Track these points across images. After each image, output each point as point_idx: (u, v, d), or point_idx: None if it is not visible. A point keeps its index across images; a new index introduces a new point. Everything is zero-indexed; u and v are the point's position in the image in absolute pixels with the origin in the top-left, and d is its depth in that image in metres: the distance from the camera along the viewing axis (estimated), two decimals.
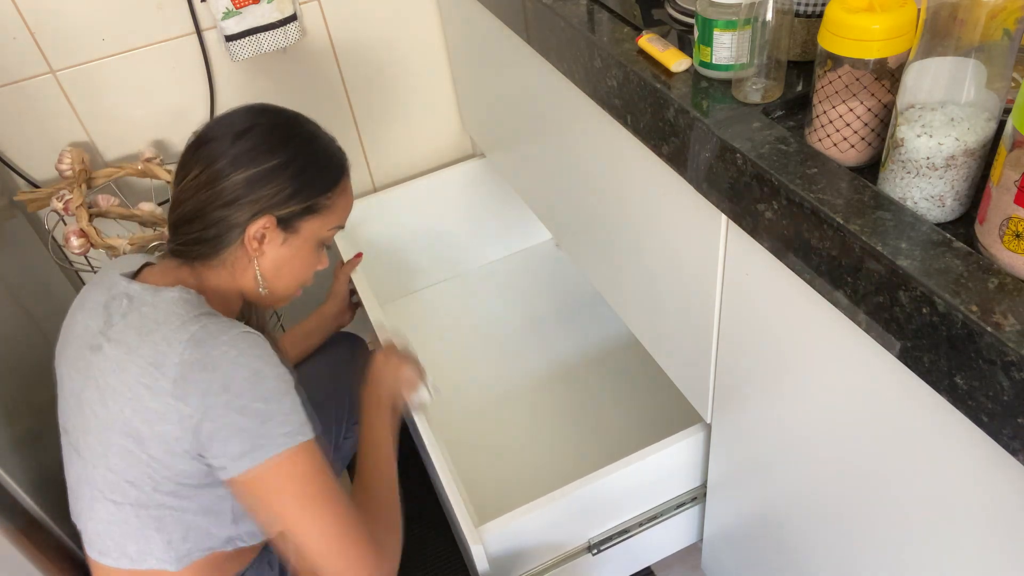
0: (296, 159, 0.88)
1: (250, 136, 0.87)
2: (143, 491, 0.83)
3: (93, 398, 0.83)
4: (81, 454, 0.87)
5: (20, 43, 1.24)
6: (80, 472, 0.88)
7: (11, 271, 1.20)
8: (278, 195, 0.87)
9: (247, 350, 0.80)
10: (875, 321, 0.61)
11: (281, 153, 0.87)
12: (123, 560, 0.87)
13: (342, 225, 0.96)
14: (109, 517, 0.85)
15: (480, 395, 1.59)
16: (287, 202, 0.88)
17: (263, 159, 0.86)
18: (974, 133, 0.58)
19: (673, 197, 0.88)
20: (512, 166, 1.45)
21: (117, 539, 0.86)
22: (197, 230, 0.88)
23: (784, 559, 0.98)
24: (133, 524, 0.85)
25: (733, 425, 0.98)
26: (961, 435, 0.59)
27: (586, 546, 1.14)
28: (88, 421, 0.85)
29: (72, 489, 0.91)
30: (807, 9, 0.76)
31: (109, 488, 0.84)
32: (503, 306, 1.78)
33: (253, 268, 0.90)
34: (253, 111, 0.91)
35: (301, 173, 0.88)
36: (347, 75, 1.50)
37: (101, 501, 0.85)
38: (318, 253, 0.95)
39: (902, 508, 0.71)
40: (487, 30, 1.26)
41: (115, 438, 0.82)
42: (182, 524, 0.85)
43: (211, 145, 0.88)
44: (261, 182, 0.86)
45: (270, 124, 0.89)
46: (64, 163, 1.27)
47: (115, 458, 0.83)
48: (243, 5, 1.27)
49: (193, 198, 0.88)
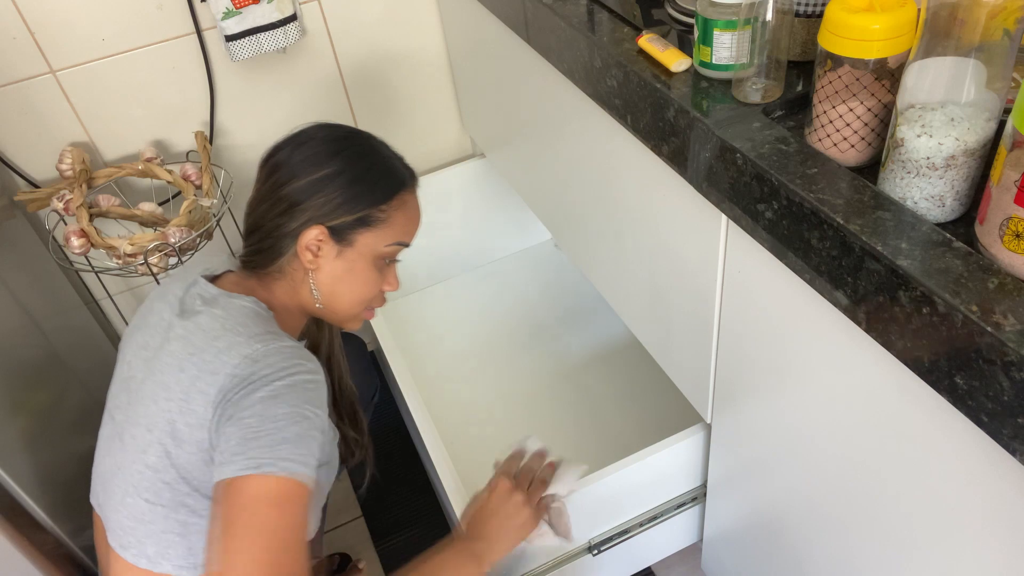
0: (349, 169, 0.88)
1: (307, 147, 0.88)
2: (177, 494, 0.82)
3: (149, 393, 0.84)
4: (124, 444, 0.86)
5: (20, 43, 1.24)
6: (119, 462, 0.87)
7: (11, 271, 1.20)
8: (328, 204, 0.86)
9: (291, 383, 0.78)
10: (875, 321, 0.61)
11: (335, 162, 0.87)
12: (141, 559, 0.86)
13: (405, 243, 0.93)
14: (138, 514, 0.85)
15: (480, 395, 1.59)
16: (337, 211, 0.87)
17: (316, 169, 0.87)
18: (974, 133, 0.58)
19: (673, 197, 0.88)
20: (512, 166, 1.45)
21: (140, 537, 0.86)
22: (256, 241, 0.90)
23: (784, 559, 0.98)
24: (159, 525, 0.84)
25: (733, 425, 0.98)
26: (961, 435, 0.59)
27: (586, 547, 1.14)
28: (138, 414, 0.84)
29: (103, 476, 0.90)
30: (807, 9, 0.76)
31: (145, 486, 0.83)
32: (503, 306, 1.78)
33: (309, 281, 0.90)
34: (319, 125, 0.92)
35: (353, 183, 0.87)
36: (347, 75, 1.50)
37: (134, 497, 0.85)
38: (379, 270, 0.93)
39: (902, 508, 0.71)
40: (487, 30, 1.26)
41: (158, 436, 0.82)
42: (206, 534, 0.84)
43: (275, 158, 0.90)
44: (312, 190, 0.86)
45: (329, 136, 0.90)
46: (64, 163, 1.27)
47: (154, 457, 0.82)
48: (243, 5, 1.27)
49: (256, 210, 0.90)
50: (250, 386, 0.78)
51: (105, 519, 0.90)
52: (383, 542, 1.47)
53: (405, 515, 1.50)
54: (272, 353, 0.80)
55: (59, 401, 1.22)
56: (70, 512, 1.11)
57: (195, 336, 0.83)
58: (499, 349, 1.68)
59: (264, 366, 0.79)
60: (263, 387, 0.78)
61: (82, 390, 1.31)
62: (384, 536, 1.48)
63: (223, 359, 0.80)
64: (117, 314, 1.54)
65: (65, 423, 1.20)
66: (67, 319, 1.38)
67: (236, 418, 0.77)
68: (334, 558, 1.44)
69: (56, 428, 1.17)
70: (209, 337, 0.82)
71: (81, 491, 1.17)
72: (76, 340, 1.39)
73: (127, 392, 0.88)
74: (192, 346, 0.82)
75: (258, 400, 0.77)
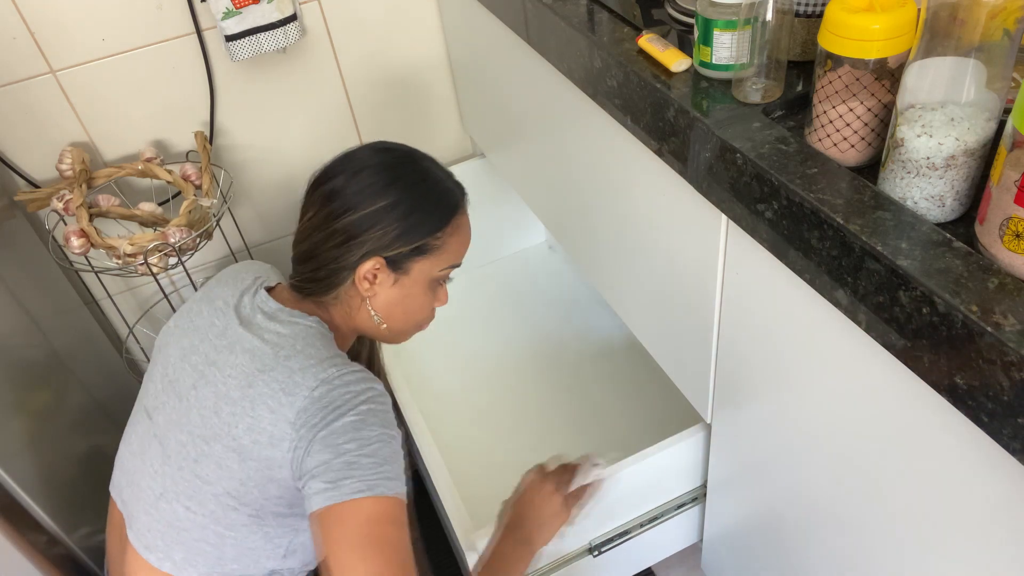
0: (404, 200, 0.87)
1: (361, 177, 0.88)
2: (223, 505, 0.83)
3: (208, 403, 0.83)
4: (167, 450, 0.85)
5: (20, 43, 1.24)
6: (156, 467, 0.86)
7: (11, 271, 1.20)
8: (385, 236, 0.87)
9: (364, 402, 0.81)
10: (875, 321, 0.61)
11: (390, 194, 0.87)
12: (166, 563, 0.86)
13: (458, 264, 0.94)
14: (173, 520, 0.85)
15: (479, 396, 1.59)
16: (395, 243, 0.87)
17: (372, 201, 0.87)
18: (974, 133, 0.58)
19: (673, 197, 0.88)
20: (512, 166, 1.45)
21: (169, 542, 0.85)
22: (311, 269, 0.90)
23: (784, 559, 0.98)
24: (194, 534, 0.84)
25: (733, 425, 0.98)
26: (961, 435, 0.59)
27: (587, 547, 1.14)
28: (192, 422, 0.84)
29: (131, 473, 0.89)
30: (807, 9, 0.76)
31: (189, 494, 0.83)
32: (501, 307, 1.78)
33: (367, 307, 0.91)
34: (371, 149, 0.92)
35: (409, 215, 0.87)
36: (347, 75, 1.50)
37: (172, 503, 0.84)
38: (434, 291, 0.94)
39: (902, 508, 0.71)
40: (487, 30, 1.26)
41: (217, 449, 0.82)
42: (240, 547, 0.85)
43: (327, 185, 0.89)
44: (369, 223, 0.86)
45: (382, 164, 0.89)
46: (64, 163, 1.27)
47: (208, 467, 0.82)
48: (243, 5, 1.27)
49: (308, 239, 0.89)
50: (336, 411, 0.79)
51: (130, 516, 0.89)
52: None
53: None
54: (347, 376, 0.82)
55: (59, 401, 1.22)
56: (70, 512, 1.11)
57: (263, 352, 0.83)
58: (497, 350, 1.68)
59: (344, 392, 0.80)
60: (349, 412, 0.79)
61: (82, 390, 1.31)
62: None
63: (297, 380, 0.80)
64: (117, 314, 1.54)
65: (65, 423, 1.20)
66: (67, 319, 1.38)
67: (332, 445, 0.78)
68: None
69: (56, 428, 1.17)
70: (280, 356, 0.83)
71: (81, 491, 1.17)
72: (76, 340, 1.39)
73: (174, 395, 0.87)
74: (261, 362, 0.82)
75: (350, 426, 0.79)
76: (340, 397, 0.80)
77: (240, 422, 0.81)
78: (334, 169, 0.90)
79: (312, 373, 0.81)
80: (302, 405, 0.79)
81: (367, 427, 0.79)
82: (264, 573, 0.88)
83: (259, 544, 0.86)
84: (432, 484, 1.14)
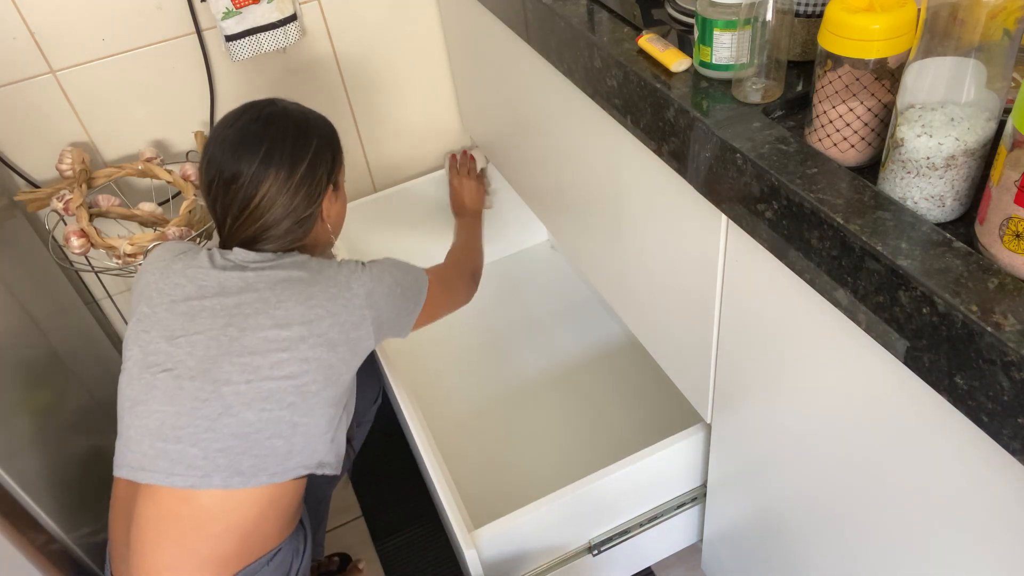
0: (314, 144, 1.01)
1: (273, 155, 0.98)
2: (305, 395, 0.95)
3: (258, 327, 0.94)
4: (213, 375, 0.93)
5: (20, 43, 1.24)
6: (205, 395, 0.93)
7: (11, 271, 1.20)
8: (326, 169, 1.02)
9: (382, 261, 1.06)
10: (875, 321, 0.61)
11: (310, 135, 1.01)
12: (234, 478, 0.92)
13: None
14: (240, 430, 0.93)
15: (479, 397, 1.59)
16: (334, 169, 1.04)
17: (297, 164, 0.99)
18: (974, 133, 0.58)
19: (673, 197, 0.88)
20: (512, 166, 1.45)
21: (236, 456, 0.93)
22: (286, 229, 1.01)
23: (784, 559, 0.98)
24: (268, 431, 0.93)
25: (733, 425, 0.98)
26: (961, 435, 0.59)
27: (587, 547, 1.14)
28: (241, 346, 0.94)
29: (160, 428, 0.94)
30: (807, 9, 0.76)
31: (262, 397, 0.93)
32: (501, 307, 1.78)
33: (325, 226, 1.06)
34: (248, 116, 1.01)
35: (327, 141, 1.04)
36: (347, 75, 1.50)
37: (240, 414, 0.93)
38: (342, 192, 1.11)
39: (902, 508, 0.71)
40: (487, 30, 1.26)
41: (303, 349, 0.95)
42: (309, 434, 0.96)
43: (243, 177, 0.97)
44: (313, 167, 1.00)
45: (280, 134, 1.00)
46: (64, 163, 1.27)
47: (291, 367, 0.94)
48: (243, 5, 1.27)
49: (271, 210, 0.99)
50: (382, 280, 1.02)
51: (167, 466, 0.92)
52: (383, 542, 1.47)
53: (405, 515, 1.50)
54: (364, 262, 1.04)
55: (59, 401, 1.22)
56: (70, 512, 1.11)
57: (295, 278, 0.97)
58: (497, 350, 1.68)
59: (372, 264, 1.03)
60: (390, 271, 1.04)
61: (82, 390, 1.31)
62: (384, 536, 1.48)
63: (344, 277, 0.99)
64: (117, 314, 1.54)
65: (65, 423, 1.20)
66: (67, 319, 1.38)
67: (406, 290, 1.06)
68: (334, 558, 1.44)
69: (56, 428, 1.17)
70: (313, 273, 0.98)
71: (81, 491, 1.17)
72: (76, 340, 1.39)
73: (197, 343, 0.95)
74: (302, 283, 0.97)
75: (397, 274, 1.05)
76: (375, 269, 1.02)
77: (321, 323, 0.96)
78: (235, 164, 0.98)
79: (349, 269, 1.00)
80: (367, 289, 0.99)
81: (399, 268, 1.06)
82: (315, 464, 0.99)
83: (322, 427, 0.98)
84: (431, 483, 1.14)
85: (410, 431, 1.18)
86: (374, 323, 1.01)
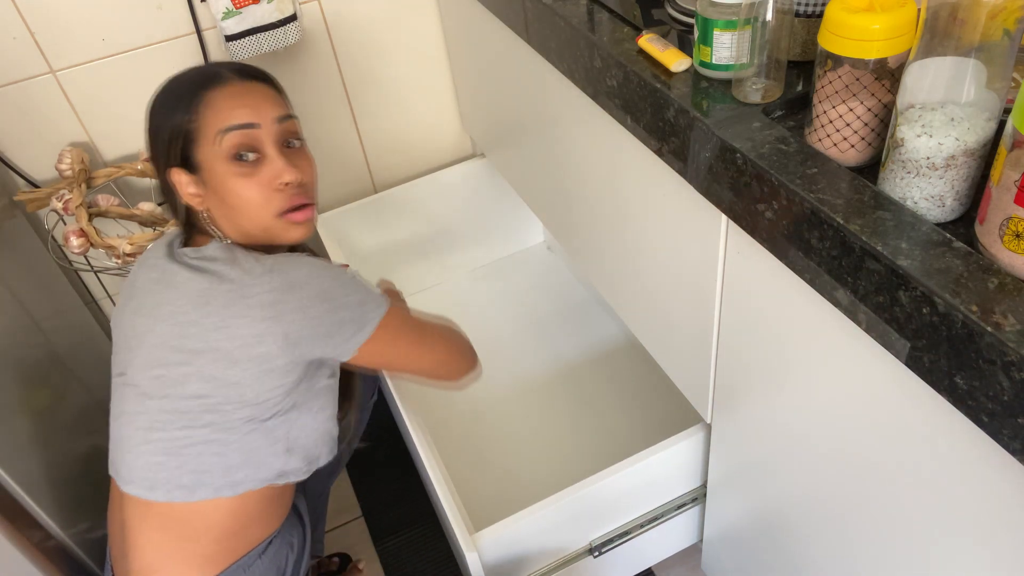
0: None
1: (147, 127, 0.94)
2: (221, 413, 0.88)
3: (169, 333, 0.88)
4: (142, 389, 0.90)
5: (20, 43, 1.24)
6: (138, 408, 0.90)
7: (11, 271, 1.20)
8: (159, 147, 0.92)
9: (315, 264, 0.90)
10: (875, 321, 0.61)
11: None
12: (176, 492, 0.89)
13: (233, 126, 0.88)
14: (170, 447, 0.89)
15: (478, 397, 1.58)
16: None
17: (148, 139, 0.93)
18: (974, 133, 0.58)
19: (673, 197, 0.88)
20: (512, 166, 1.45)
21: (172, 469, 0.89)
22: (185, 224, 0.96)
23: (784, 559, 0.98)
24: (197, 450, 0.88)
25: (733, 425, 0.98)
26: (961, 435, 0.59)
27: (587, 548, 1.14)
28: (161, 355, 0.88)
29: (118, 435, 0.93)
30: (807, 9, 0.76)
31: (178, 414, 0.88)
32: (500, 308, 1.78)
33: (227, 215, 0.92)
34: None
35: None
36: (347, 75, 1.50)
37: (163, 431, 0.88)
38: (246, 171, 0.89)
39: (902, 508, 0.71)
40: (487, 30, 1.26)
41: (202, 364, 0.86)
42: (244, 449, 0.89)
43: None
44: (151, 146, 0.93)
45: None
46: (64, 163, 1.27)
47: (196, 385, 0.87)
48: (243, 5, 1.27)
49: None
50: (295, 289, 0.87)
51: (128, 472, 0.92)
52: (383, 542, 1.47)
53: (405, 515, 1.50)
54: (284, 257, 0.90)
55: (59, 401, 1.22)
56: (70, 511, 1.11)
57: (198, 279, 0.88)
58: (496, 351, 1.68)
59: (293, 267, 0.89)
60: (321, 279, 0.89)
61: (82, 390, 1.31)
62: (384, 536, 1.48)
63: (246, 283, 0.86)
64: None
65: (65, 423, 1.20)
66: (67, 319, 1.38)
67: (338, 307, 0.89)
68: (334, 559, 1.44)
69: (56, 428, 1.17)
70: (215, 275, 0.88)
71: (81, 490, 1.17)
72: (76, 340, 1.39)
73: (137, 346, 0.91)
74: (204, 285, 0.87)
75: (331, 286, 0.89)
76: (293, 274, 0.88)
77: (215, 334, 0.86)
78: None
79: (255, 271, 0.87)
80: (269, 300, 0.86)
81: (340, 279, 0.91)
82: (273, 475, 0.93)
83: (260, 443, 0.90)
84: (431, 486, 1.14)
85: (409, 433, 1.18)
86: (283, 339, 0.86)
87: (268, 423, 0.90)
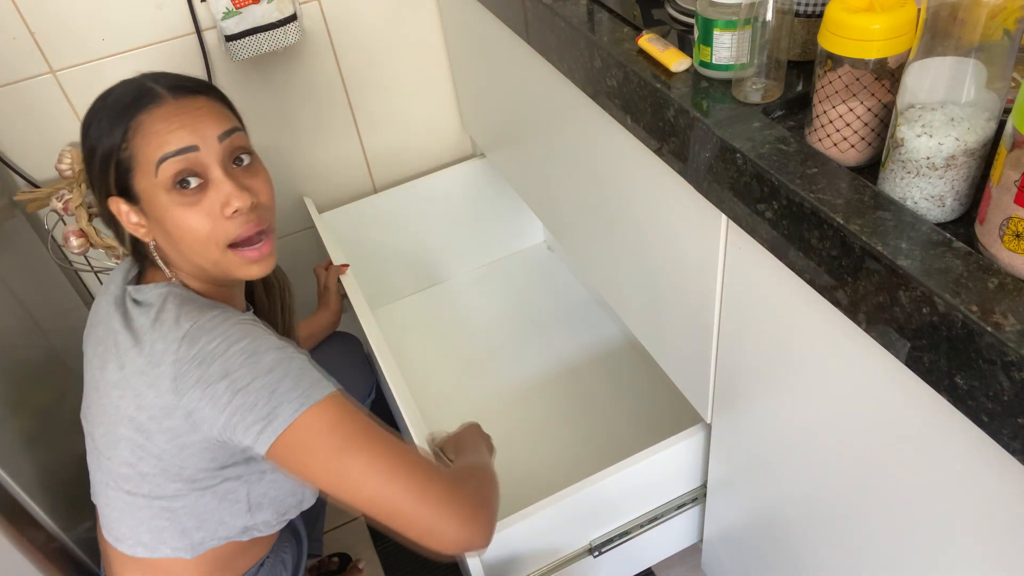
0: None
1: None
2: (155, 483, 0.83)
3: (105, 390, 0.83)
4: (96, 441, 0.87)
5: (20, 43, 1.24)
6: (96, 460, 0.88)
7: (11, 271, 1.20)
8: (94, 178, 0.84)
9: (239, 339, 0.78)
10: (875, 321, 0.61)
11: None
12: (138, 548, 0.87)
13: (168, 154, 0.79)
14: (123, 506, 0.86)
15: (478, 398, 1.58)
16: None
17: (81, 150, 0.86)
18: (974, 133, 0.58)
19: (673, 197, 0.88)
20: (512, 166, 1.45)
21: (131, 526, 0.86)
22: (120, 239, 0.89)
23: (784, 559, 0.98)
24: (146, 513, 0.85)
25: (733, 425, 0.98)
26: (961, 435, 0.59)
27: (587, 548, 1.14)
28: (101, 411, 0.85)
29: (91, 473, 0.92)
30: (807, 9, 0.76)
31: (122, 478, 0.84)
32: (500, 308, 1.78)
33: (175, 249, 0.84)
34: None
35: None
36: (347, 75, 1.50)
37: (115, 490, 0.86)
38: (189, 200, 0.80)
39: (902, 508, 0.71)
40: (487, 30, 1.26)
41: (124, 432, 0.81)
42: (195, 514, 0.84)
43: None
44: (87, 170, 0.85)
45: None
46: (64, 163, 1.27)
47: (125, 451, 0.82)
48: (243, 5, 1.27)
49: None
50: (213, 359, 0.76)
51: (100, 515, 0.92)
52: (383, 542, 1.47)
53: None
54: (205, 323, 0.78)
55: (59, 401, 1.22)
56: (69, 511, 1.11)
57: (125, 332, 0.81)
58: (495, 351, 1.68)
59: (211, 339, 0.77)
60: (227, 354, 0.76)
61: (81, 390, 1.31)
62: (384, 536, 1.48)
63: (159, 348, 0.78)
64: None
65: (65, 423, 1.20)
66: (67, 319, 1.38)
67: (240, 390, 0.75)
68: (333, 559, 1.44)
69: (56, 428, 1.17)
70: (141, 332, 0.80)
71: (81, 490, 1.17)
72: (76, 340, 1.38)
73: (92, 392, 0.88)
74: (129, 342, 0.80)
75: (242, 365, 0.76)
76: (207, 347, 0.77)
77: (128, 403, 0.79)
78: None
79: (171, 336, 0.78)
80: (174, 371, 0.76)
81: (260, 358, 0.77)
82: (238, 531, 0.87)
83: (213, 506, 0.84)
84: None
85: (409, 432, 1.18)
86: (185, 417, 0.77)
87: (216, 489, 0.83)
